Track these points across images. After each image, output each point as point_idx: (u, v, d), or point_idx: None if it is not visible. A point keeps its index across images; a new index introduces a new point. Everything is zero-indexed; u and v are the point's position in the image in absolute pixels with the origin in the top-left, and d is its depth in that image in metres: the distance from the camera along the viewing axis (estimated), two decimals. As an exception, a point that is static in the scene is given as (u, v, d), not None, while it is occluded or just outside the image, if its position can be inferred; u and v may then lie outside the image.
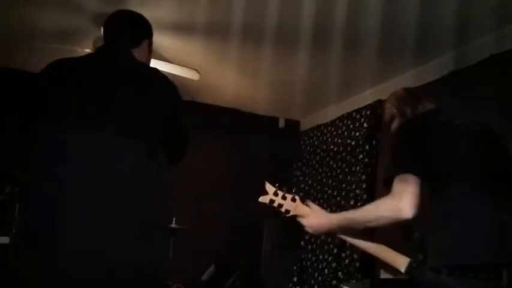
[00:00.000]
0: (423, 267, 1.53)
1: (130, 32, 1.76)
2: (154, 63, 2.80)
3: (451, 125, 1.57)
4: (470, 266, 1.36)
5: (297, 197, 1.89)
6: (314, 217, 1.80)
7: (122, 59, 1.68)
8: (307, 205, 1.88)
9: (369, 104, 3.96)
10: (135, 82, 1.59)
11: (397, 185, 1.48)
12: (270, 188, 1.91)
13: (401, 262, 1.66)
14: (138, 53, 1.73)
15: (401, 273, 1.66)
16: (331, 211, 4.15)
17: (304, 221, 1.81)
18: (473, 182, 1.47)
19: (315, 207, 1.86)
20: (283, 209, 1.88)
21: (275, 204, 1.88)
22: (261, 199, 1.90)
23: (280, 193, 1.89)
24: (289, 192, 1.90)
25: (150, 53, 1.85)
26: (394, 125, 1.79)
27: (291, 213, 1.87)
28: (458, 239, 1.40)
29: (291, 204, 1.87)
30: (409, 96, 1.79)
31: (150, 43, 1.83)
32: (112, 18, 1.79)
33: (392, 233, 1.60)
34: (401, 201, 1.44)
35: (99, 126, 1.48)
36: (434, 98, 1.76)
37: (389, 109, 1.83)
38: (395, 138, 1.65)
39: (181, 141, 1.75)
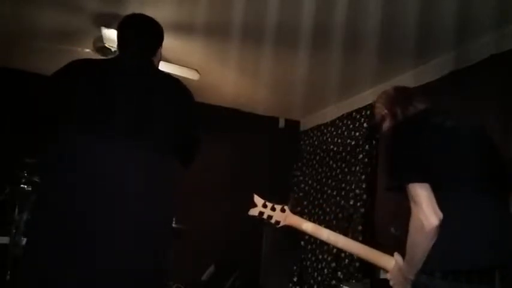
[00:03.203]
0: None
1: (149, 41, 1.77)
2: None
3: (443, 127, 1.54)
4: (463, 270, 1.36)
5: (286, 208, 1.91)
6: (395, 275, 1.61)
7: (147, 69, 1.69)
8: (297, 214, 1.90)
9: (369, 104, 3.94)
10: (160, 93, 1.63)
11: (411, 199, 1.42)
12: (258, 200, 1.92)
13: (391, 264, 1.64)
14: (155, 61, 1.76)
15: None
16: (331, 211, 4.21)
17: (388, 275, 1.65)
18: (464, 185, 1.45)
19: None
20: (273, 221, 1.89)
21: (264, 216, 1.90)
22: (251, 212, 1.91)
23: (269, 205, 1.91)
24: (278, 203, 1.91)
25: (161, 57, 1.87)
26: (385, 125, 1.76)
27: (281, 224, 1.88)
28: (452, 243, 1.39)
29: (280, 215, 1.89)
30: (400, 96, 1.75)
31: (161, 48, 1.84)
32: (129, 23, 1.77)
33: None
34: (421, 214, 1.38)
35: (125, 134, 1.49)
36: (425, 97, 1.73)
37: (380, 109, 1.79)
38: (391, 141, 1.61)
39: (196, 148, 1.77)
